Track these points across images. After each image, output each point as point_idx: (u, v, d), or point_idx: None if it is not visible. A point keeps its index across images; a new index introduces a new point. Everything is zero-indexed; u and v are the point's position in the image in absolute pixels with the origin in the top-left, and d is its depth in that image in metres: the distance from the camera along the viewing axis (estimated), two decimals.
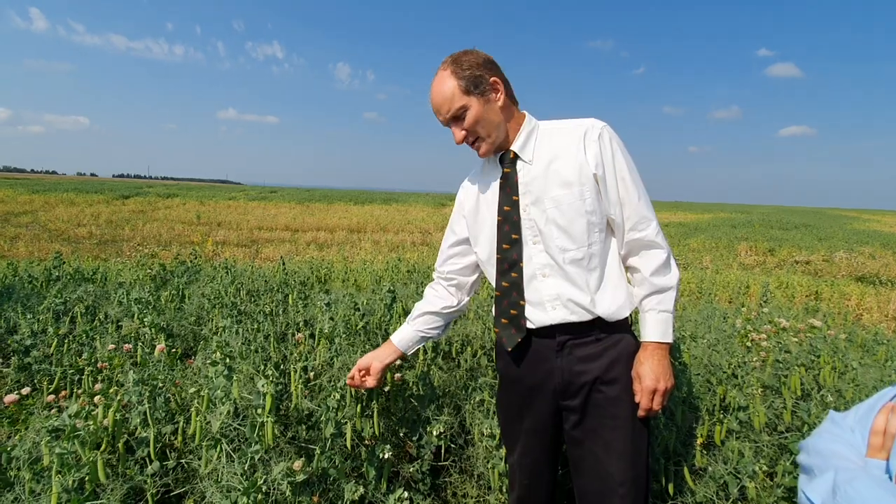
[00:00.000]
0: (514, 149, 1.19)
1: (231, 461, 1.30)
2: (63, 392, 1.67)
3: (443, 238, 1.41)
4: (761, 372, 1.94)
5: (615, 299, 1.15)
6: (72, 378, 1.81)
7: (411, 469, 1.73)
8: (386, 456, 1.58)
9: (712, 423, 1.76)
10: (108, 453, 1.39)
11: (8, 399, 1.48)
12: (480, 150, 1.20)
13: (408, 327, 1.41)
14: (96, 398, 1.51)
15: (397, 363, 1.68)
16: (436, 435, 1.73)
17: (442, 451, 1.83)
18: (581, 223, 1.13)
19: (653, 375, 1.11)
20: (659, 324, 1.13)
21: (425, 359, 2.06)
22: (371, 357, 1.41)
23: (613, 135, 1.15)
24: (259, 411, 1.34)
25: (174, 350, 1.92)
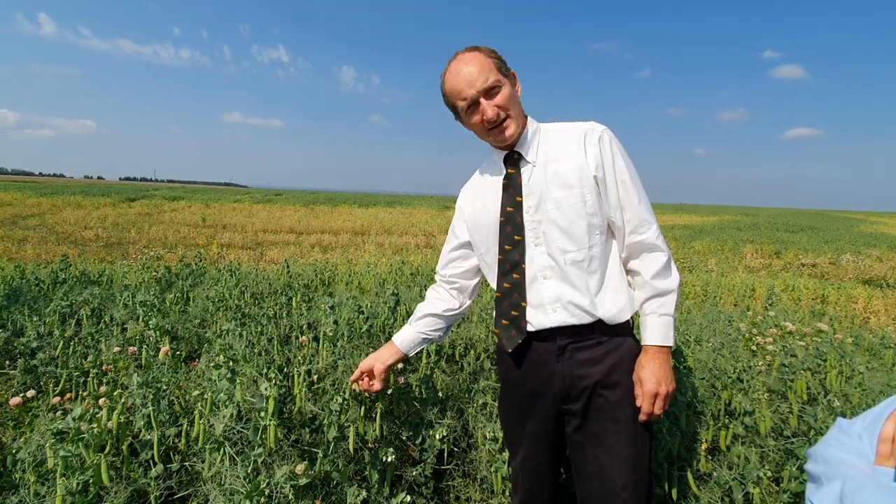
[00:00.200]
0: (519, 149, 1.20)
1: (234, 464, 1.30)
2: (68, 394, 1.68)
3: (445, 241, 1.42)
4: (767, 376, 1.93)
5: (616, 302, 1.15)
6: (77, 380, 1.82)
7: (414, 472, 1.73)
8: (389, 459, 1.58)
9: (717, 428, 1.75)
10: (113, 455, 1.40)
11: (13, 402, 1.49)
12: (508, 131, 1.15)
13: (409, 329, 1.41)
14: (101, 400, 1.52)
15: (400, 366, 1.68)
16: (439, 438, 1.73)
17: (445, 455, 1.82)
18: (582, 225, 1.13)
19: (654, 379, 1.10)
20: (660, 327, 1.13)
21: (428, 362, 2.06)
22: (373, 359, 1.41)
23: (613, 138, 1.16)
24: (262, 414, 1.35)
25: (178, 353, 1.93)
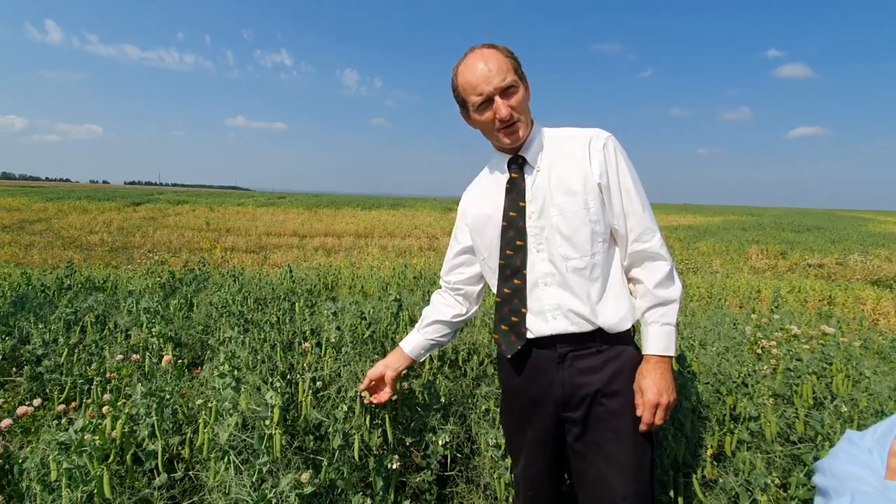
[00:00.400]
0: (524, 153, 1.19)
1: (239, 473, 1.30)
2: (73, 403, 1.69)
3: (448, 244, 1.41)
4: (772, 380, 1.91)
5: (617, 311, 1.14)
6: (82, 388, 1.83)
7: (418, 479, 1.73)
8: (394, 466, 1.58)
9: (722, 434, 1.73)
10: (117, 464, 1.40)
11: (20, 411, 1.50)
12: (517, 133, 1.15)
13: (418, 335, 1.41)
14: (105, 409, 1.53)
15: (403, 372, 1.68)
16: (442, 445, 1.73)
17: (448, 461, 1.82)
18: (585, 232, 1.13)
19: (655, 389, 1.10)
20: (662, 337, 1.12)
21: (431, 367, 2.06)
22: (382, 366, 1.41)
23: (618, 145, 1.15)
24: (267, 423, 1.35)
25: (182, 360, 1.94)
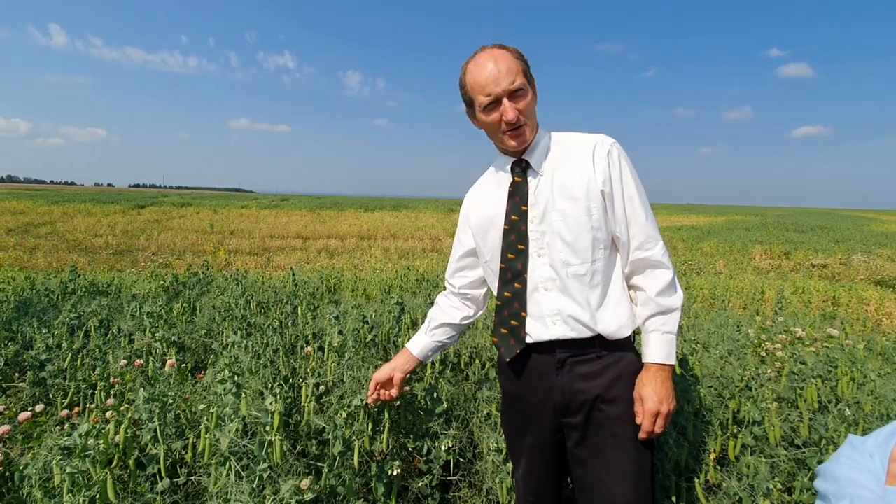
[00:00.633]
0: (528, 157, 1.19)
1: (240, 479, 1.31)
2: (76, 408, 1.70)
3: (451, 247, 1.42)
4: (776, 384, 1.90)
5: (617, 318, 1.14)
6: (85, 393, 1.84)
7: (420, 484, 1.72)
8: (395, 472, 1.58)
9: (726, 438, 1.72)
10: (120, 469, 1.41)
11: (22, 417, 1.50)
12: (521, 138, 1.15)
13: (425, 337, 1.41)
14: (108, 414, 1.53)
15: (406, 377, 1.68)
16: (444, 449, 1.72)
17: (451, 466, 1.82)
18: (586, 238, 1.13)
19: (656, 398, 1.09)
20: (663, 345, 1.12)
21: (433, 371, 2.06)
22: (390, 368, 1.41)
23: (622, 152, 1.15)
24: (267, 429, 1.35)
25: (185, 364, 1.94)
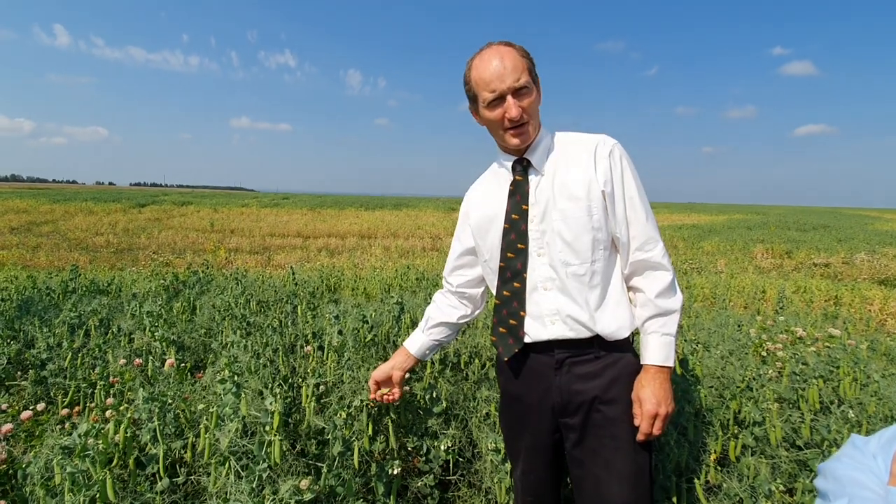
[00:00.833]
0: (529, 156, 1.19)
1: (239, 479, 1.30)
2: (77, 407, 1.70)
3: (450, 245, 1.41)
4: (777, 384, 1.89)
5: (616, 319, 1.14)
6: (85, 392, 1.84)
7: (420, 483, 1.72)
8: (395, 472, 1.58)
9: (726, 439, 1.72)
10: (120, 469, 1.41)
11: (24, 416, 1.51)
12: (523, 136, 1.14)
13: (423, 336, 1.41)
14: (108, 413, 1.53)
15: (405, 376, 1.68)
16: (443, 449, 1.72)
17: (450, 465, 1.82)
18: (586, 239, 1.12)
19: (654, 400, 1.09)
20: (662, 347, 1.11)
21: (432, 371, 2.06)
22: (389, 367, 1.41)
23: (624, 153, 1.15)
24: (267, 429, 1.35)
25: (184, 364, 1.94)
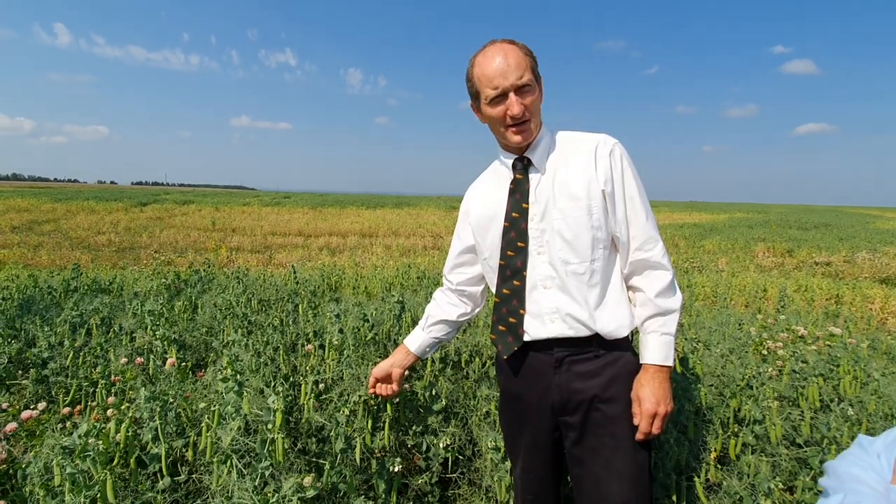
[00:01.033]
0: (529, 155, 1.19)
1: (242, 477, 1.31)
2: (78, 406, 1.71)
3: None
4: (778, 382, 1.89)
5: (615, 318, 1.14)
6: (87, 391, 1.84)
7: (420, 481, 1.73)
8: (396, 469, 1.58)
9: (726, 437, 1.72)
10: (121, 468, 1.41)
11: (24, 415, 1.51)
12: (524, 134, 1.14)
13: (423, 333, 1.41)
14: (109, 412, 1.54)
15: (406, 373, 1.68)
16: (443, 447, 1.73)
17: (450, 463, 1.82)
18: (586, 238, 1.12)
19: (653, 399, 1.09)
20: (662, 346, 1.11)
21: (433, 369, 2.06)
22: (388, 364, 1.42)
23: (624, 152, 1.15)
24: (269, 427, 1.35)
25: (186, 362, 1.95)
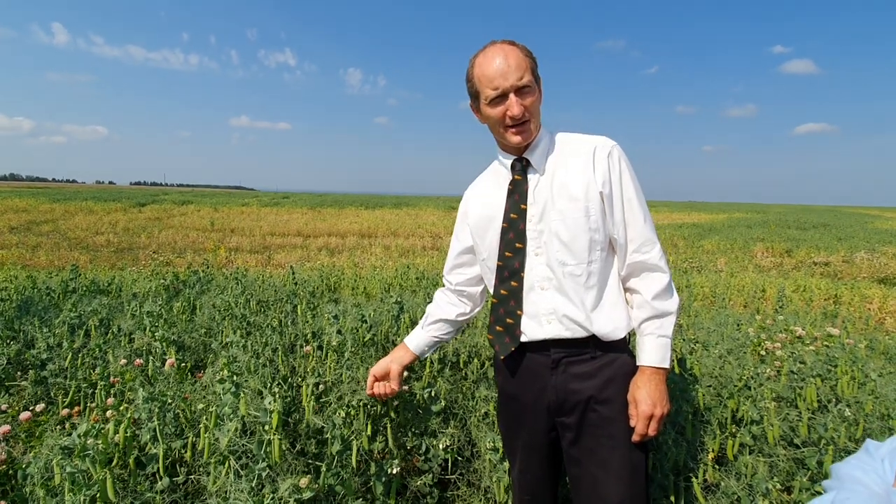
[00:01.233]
0: (528, 156, 1.19)
1: (239, 478, 1.31)
2: (77, 407, 1.71)
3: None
4: (775, 383, 1.90)
5: (612, 320, 1.14)
6: (86, 392, 1.85)
7: (419, 482, 1.73)
8: (394, 471, 1.58)
9: (724, 437, 1.72)
10: (120, 468, 1.41)
11: (23, 416, 1.51)
12: (524, 135, 1.14)
13: (422, 332, 1.42)
14: (108, 413, 1.54)
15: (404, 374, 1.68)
16: (442, 448, 1.73)
17: (449, 464, 1.82)
18: (584, 239, 1.13)
19: (650, 401, 1.09)
20: (658, 349, 1.12)
21: (432, 370, 2.06)
22: (388, 361, 1.42)
23: (623, 155, 1.15)
24: (266, 428, 1.35)
25: (184, 363, 1.95)
